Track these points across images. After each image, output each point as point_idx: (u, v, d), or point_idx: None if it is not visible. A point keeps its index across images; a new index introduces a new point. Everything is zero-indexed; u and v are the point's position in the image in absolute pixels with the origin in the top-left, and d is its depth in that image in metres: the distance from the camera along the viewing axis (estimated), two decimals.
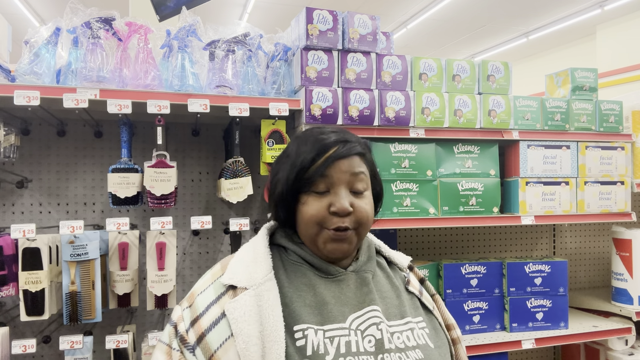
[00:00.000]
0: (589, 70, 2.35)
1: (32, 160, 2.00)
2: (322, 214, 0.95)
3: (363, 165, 1.01)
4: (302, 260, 1.00)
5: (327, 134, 0.99)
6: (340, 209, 0.94)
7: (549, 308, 2.17)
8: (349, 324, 0.93)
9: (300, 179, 0.96)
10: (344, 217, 0.95)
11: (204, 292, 0.95)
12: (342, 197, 0.95)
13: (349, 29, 1.91)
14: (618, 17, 7.88)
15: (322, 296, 0.94)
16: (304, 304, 0.93)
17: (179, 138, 2.16)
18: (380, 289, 1.01)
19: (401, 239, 2.43)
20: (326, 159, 0.96)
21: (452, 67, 2.08)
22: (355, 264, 1.02)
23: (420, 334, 0.98)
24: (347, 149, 0.98)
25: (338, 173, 0.96)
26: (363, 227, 0.98)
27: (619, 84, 7.50)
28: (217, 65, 1.86)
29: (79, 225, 1.66)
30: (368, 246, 1.08)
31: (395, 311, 0.99)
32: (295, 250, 1.01)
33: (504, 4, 7.40)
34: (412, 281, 1.09)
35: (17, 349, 1.65)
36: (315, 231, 0.96)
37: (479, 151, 2.11)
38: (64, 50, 1.85)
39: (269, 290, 0.92)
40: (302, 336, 0.89)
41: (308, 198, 0.97)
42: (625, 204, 2.28)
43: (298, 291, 0.95)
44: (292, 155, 0.99)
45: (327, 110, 1.86)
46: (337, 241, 0.96)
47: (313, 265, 0.99)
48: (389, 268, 1.10)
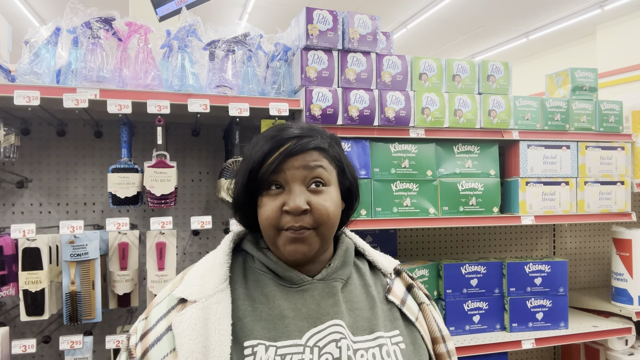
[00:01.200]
0: (589, 70, 2.35)
1: (32, 160, 2.00)
2: (276, 214, 0.89)
3: (323, 159, 0.93)
4: (266, 268, 0.94)
5: (282, 131, 0.93)
6: (292, 208, 0.87)
7: (549, 308, 2.17)
8: (305, 340, 0.86)
9: (253, 179, 0.91)
10: (298, 216, 0.88)
11: (159, 305, 0.92)
12: (296, 194, 0.89)
13: (349, 29, 1.91)
14: (618, 17, 7.88)
15: (280, 309, 0.88)
16: (258, 317, 0.88)
17: (179, 138, 2.16)
18: (350, 299, 0.94)
19: (401, 239, 2.44)
20: (276, 156, 0.89)
21: (452, 67, 2.08)
22: (325, 271, 0.94)
23: (392, 351, 0.90)
24: (302, 144, 0.91)
25: (291, 169, 0.90)
26: (324, 226, 0.90)
27: (619, 84, 7.50)
28: (217, 65, 1.86)
29: (79, 225, 1.66)
30: (345, 250, 1.00)
31: (364, 325, 0.91)
32: (259, 258, 0.95)
33: (504, 4, 7.40)
34: (394, 289, 1.01)
35: (17, 349, 1.65)
36: (272, 234, 0.90)
37: (479, 151, 2.11)
38: (64, 50, 1.85)
39: (218, 302, 0.87)
40: (251, 353, 0.84)
41: (263, 199, 0.91)
42: (625, 204, 2.28)
43: (254, 303, 0.89)
44: (246, 156, 0.94)
45: (327, 110, 1.86)
46: (294, 242, 0.89)
47: (276, 273, 0.93)
48: (370, 274, 1.02)
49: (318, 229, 0.90)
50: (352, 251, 1.02)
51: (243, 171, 0.93)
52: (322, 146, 0.93)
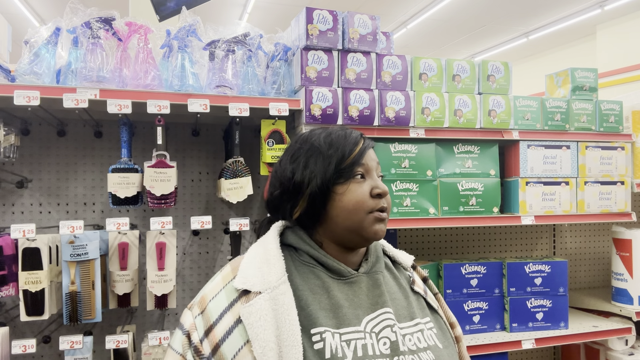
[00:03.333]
0: (589, 70, 2.35)
1: (32, 160, 2.00)
2: (366, 197, 0.99)
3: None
4: (315, 261, 0.99)
5: (343, 130, 1.06)
6: (384, 191, 1.00)
7: (549, 308, 2.17)
8: (363, 326, 0.93)
9: (340, 169, 0.99)
10: (383, 198, 1.01)
11: (216, 298, 0.93)
12: (378, 181, 1.02)
13: (349, 29, 1.91)
14: (618, 17, 7.88)
15: (337, 299, 0.94)
16: (319, 307, 0.92)
17: (179, 138, 2.16)
18: (389, 290, 1.01)
19: (401, 239, 2.43)
20: (361, 149, 1.02)
21: (452, 67, 2.08)
22: (366, 265, 1.02)
23: (429, 335, 0.99)
24: (369, 141, 1.07)
25: (371, 161, 1.03)
26: (389, 211, 1.04)
27: (619, 84, 7.50)
28: (217, 65, 1.86)
29: (79, 225, 1.66)
30: (375, 245, 1.09)
31: (404, 312, 1.00)
32: (308, 251, 1.00)
33: (504, 4, 7.40)
34: (416, 281, 1.10)
35: (17, 349, 1.65)
36: (361, 216, 0.98)
37: (479, 151, 2.11)
38: (64, 50, 1.85)
39: (284, 293, 0.91)
40: (320, 339, 0.88)
41: (349, 186, 0.99)
42: (625, 204, 2.28)
43: (313, 294, 0.94)
44: (323, 148, 1.02)
45: (327, 110, 1.86)
46: (380, 222, 0.99)
47: (326, 266, 0.99)
48: (394, 268, 1.10)
49: (388, 212, 1.03)
50: (380, 247, 1.11)
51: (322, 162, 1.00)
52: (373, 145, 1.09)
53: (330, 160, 1.00)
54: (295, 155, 1.04)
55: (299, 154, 1.03)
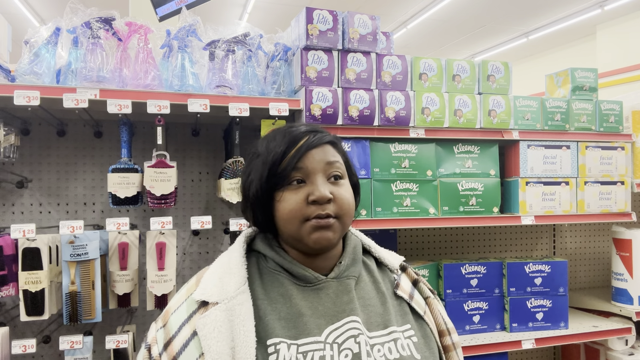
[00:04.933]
0: (589, 70, 2.35)
1: (32, 160, 2.00)
2: (301, 205, 0.91)
3: (337, 154, 0.98)
4: (280, 267, 0.95)
5: (295, 127, 0.97)
6: (319, 197, 0.90)
7: (549, 308, 2.17)
8: (324, 337, 0.88)
9: (274, 174, 0.93)
10: (323, 204, 0.91)
11: (177, 310, 0.91)
12: (320, 184, 0.92)
13: (349, 29, 1.91)
14: (618, 17, 7.88)
15: (298, 307, 0.90)
16: (278, 316, 0.89)
17: (179, 138, 2.16)
18: (363, 296, 0.96)
19: (401, 239, 2.43)
20: (298, 149, 0.93)
21: (452, 67, 2.08)
22: (338, 269, 0.97)
23: (406, 344, 0.93)
24: (318, 138, 0.96)
25: (313, 163, 0.94)
26: (346, 216, 0.94)
27: (619, 84, 7.50)
28: (217, 65, 1.86)
29: (79, 225, 1.66)
30: (354, 247, 1.03)
31: (378, 320, 0.94)
32: (273, 257, 0.96)
33: (504, 4, 7.40)
34: (402, 284, 1.03)
35: (17, 349, 1.65)
36: (296, 226, 0.92)
37: (479, 151, 2.11)
38: (64, 50, 1.85)
39: (241, 303, 0.88)
40: (274, 351, 0.85)
41: (284, 194, 0.93)
42: (625, 204, 2.28)
43: (273, 303, 0.91)
44: (262, 152, 0.96)
45: (327, 110, 1.86)
46: (320, 229, 0.91)
47: (291, 272, 0.94)
48: (377, 270, 1.04)
49: (341, 219, 0.93)
50: (360, 248, 1.04)
51: (260, 167, 0.95)
52: (335, 141, 0.99)
53: (265, 166, 0.94)
54: (250, 157, 1.01)
55: (252, 157, 1.00)
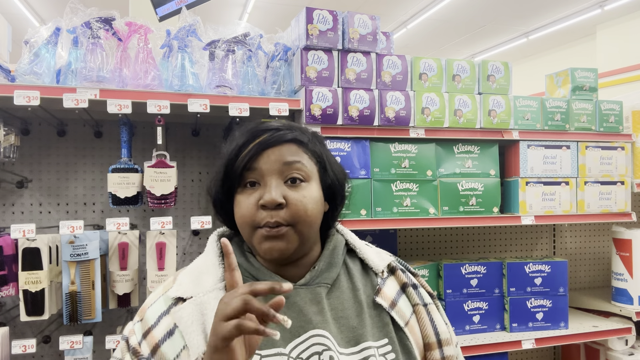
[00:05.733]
0: (589, 70, 2.35)
1: (32, 160, 2.00)
2: (251, 210, 0.84)
3: (302, 154, 0.89)
4: (248, 273, 0.90)
5: (260, 124, 0.90)
6: (267, 201, 0.82)
7: (549, 308, 2.17)
8: (289, 350, 0.82)
9: (229, 175, 0.87)
10: (274, 210, 0.83)
11: (153, 305, 0.90)
12: (272, 187, 0.84)
13: (349, 29, 1.91)
14: (618, 17, 7.87)
15: None
16: None
17: (179, 138, 2.16)
18: (336, 307, 0.88)
19: (401, 239, 2.44)
20: (251, 149, 0.86)
21: (452, 67, 2.08)
22: (309, 275, 0.89)
23: None
24: (278, 135, 0.87)
25: (267, 163, 0.85)
26: (302, 224, 0.84)
27: (619, 84, 7.50)
28: (217, 65, 1.86)
29: (79, 225, 1.66)
30: (333, 249, 0.94)
31: (349, 335, 0.86)
32: (242, 264, 0.91)
33: (504, 4, 7.40)
34: (385, 290, 0.93)
35: (17, 349, 1.65)
36: (248, 232, 0.86)
37: (479, 151, 2.11)
38: (64, 50, 1.85)
39: (216, 298, 0.83)
40: None
41: (239, 197, 0.87)
42: (625, 204, 2.28)
43: None
44: (223, 152, 0.90)
45: (327, 110, 1.86)
46: (270, 239, 0.83)
47: (257, 278, 0.89)
48: (360, 274, 0.95)
49: (295, 226, 0.84)
50: (341, 250, 0.96)
51: (219, 167, 0.89)
52: (300, 139, 0.89)
53: (221, 166, 0.88)
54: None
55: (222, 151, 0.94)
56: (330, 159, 0.95)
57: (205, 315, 0.83)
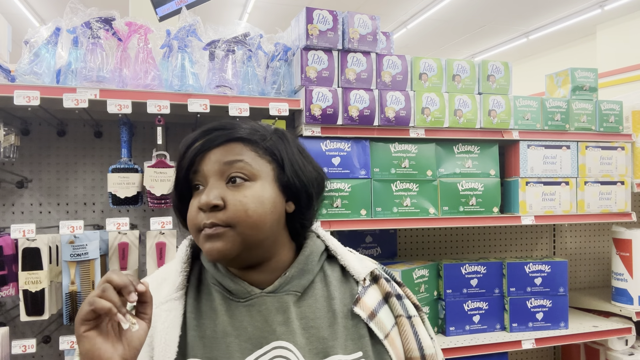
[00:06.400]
0: (589, 70, 2.35)
1: (32, 160, 2.00)
2: (194, 213, 0.82)
3: (247, 152, 0.84)
4: (214, 279, 0.87)
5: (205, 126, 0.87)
6: (202, 204, 0.80)
7: (549, 308, 2.17)
8: None
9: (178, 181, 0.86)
10: (210, 212, 0.80)
11: None
12: (209, 189, 0.81)
13: (349, 29, 1.91)
14: (618, 17, 7.88)
15: (224, 326, 0.81)
16: (202, 334, 0.81)
17: (179, 138, 2.15)
18: (307, 315, 0.84)
19: (401, 239, 2.43)
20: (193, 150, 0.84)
21: (452, 67, 2.08)
22: (279, 282, 0.85)
23: None
24: (221, 135, 0.84)
25: (207, 164, 0.83)
26: (243, 225, 0.80)
27: (619, 84, 7.50)
28: (217, 65, 1.86)
29: (79, 225, 1.66)
30: (308, 255, 0.89)
31: (318, 347, 0.81)
32: (209, 269, 0.88)
33: (504, 4, 7.40)
34: (365, 299, 0.88)
35: (17, 349, 1.65)
36: (195, 236, 0.84)
37: (479, 151, 2.11)
38: (64, 50, 1.85)
39: (169, 310, 0.81)
40: None
41: (191, 201, 0.85)
42: (625, 204, 2.28)
43: (200, 318, 0.83)
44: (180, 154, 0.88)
45: (327, 110, 1.86)
46: (209, 239, 0.80)
47: (223, 285, 0.85)
48: (339, 282, 0.90)
49: (236, 228, 0.80)
50: (317, 256, 0.91)
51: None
52: (247, 137, 0.85)
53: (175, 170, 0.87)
54: None
55: None
56: (293, 156, 0.89)
57: (155, 328, 0.80)
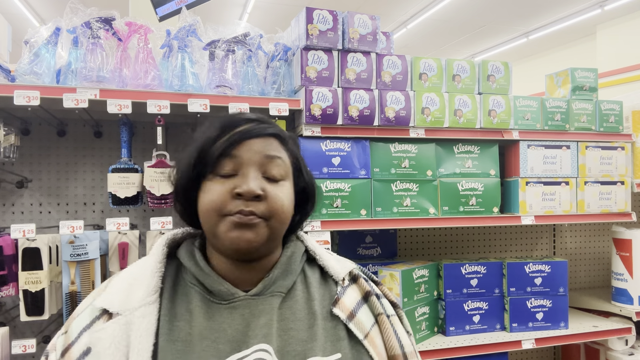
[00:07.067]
0: (589, 70, 2.35)
1: (32, 160, 2.00)
2: (223, 198, 0.78)
3: (282, 151, 0.85)
4: (196, 280, 0.83)
5: (240, 114, 0.86)
6: (245, 191, 0.77)
7: (549, 308, 2.17)
8: None
9: (203, 159, 0.80)
10: (250, 201, 0.78)
11: (80, 315, 0.81)
12: (251, 178, 0.79)
13: (349, 28, 1.91)
14: (618, 17, 7.88)
15: (201, 329, 0.78)
16: (175, 338, 0.77)
17: (179, 138, 2.15)
18: (287, 317, 0.82)
19: (401, 239, 2.44)
20: (232, 135, 0.81)
21: (452, 67, 2.08)
22: (263, 284, 0.83)
23: None
24: (261, 127, 0.83)
25: (248, 153, 0.81)
26: (276, 219, 0.80)
27: (619, 84, 7.50)
28: (217, 65, 1.86)
29: (79, 225, 1.66)
30: (290, 256, 0.88)
31: (297, 349, 0.79)
32: (190, 268, 0.84)
33: (504, 4, 7.40)
34: (344, 299, 0.87)
35: (17, 349, 1.65)
36: (214, 220, 0.79)
37: (479, 151, 2.11)
38: (64, 50, 1.85)
39: (143, 316, 0.77)
40: None
41: (209, 184, 0.80)
42: (625, 204, 2.28)
43: (175, 321, 0.79)
44: (197, 137, 0.84)
45: (327, 110, 1.86)
46: (240, 227, 0.77)
47: (205, 286, 0.82)
48: (319, 283, 0.89)
49: (269, 220, 0.80)
50: (299, 256, 0.90)
51: (189, 153, 0.83)
52: (282, 135, 0.86)
53: (195, 150, 0.82)
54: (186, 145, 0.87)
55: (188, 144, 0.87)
56: (304, 162, 0.92)
57: (129, 337, 0.75)
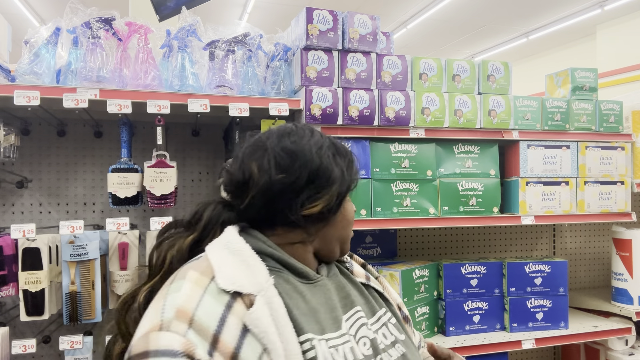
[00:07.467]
0: (589, 70, 2.35)
1: (32, 160, 2.00)
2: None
3: None
4: (281, 265, 0.92)
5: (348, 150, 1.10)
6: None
7: (549, 308, 2.17)
8: (344, 330, 0.89)
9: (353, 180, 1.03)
10: None
11: (201, 305, 0.77)
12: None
13: (349, 29, 1.91)
14: (618, 17, 7.87)
15: (312, 303, 0.88)
16: (300, 312, 0.85)
17: (179, 138, 2.16)
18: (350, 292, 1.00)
19: (401, 239, 2.43)
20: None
21: (452, 67, 2.08)
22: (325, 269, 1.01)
23: (392, 327, 0.99)
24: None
25: None
26: None
27: (619, 84, 7.50)
28: (217, 65, 1.86)
29: (79, 225, 1.66)
30: None
31: (366, 309, 0.98)
32: (272, 254, 0.91)
33: (504, 4, 7.40)
34: (356, 270, 1.09)
35: (17, 349, 1.65)
36: (349, 231, 1.05)
37: (479, 151, 2.11)
38: (64, 50, 1.85)
39: (274, 295, 0.83)
40: (310, 347, 0.81)
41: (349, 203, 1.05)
42: (625, 204, 2.28)
43: (291, 299, 0.86)
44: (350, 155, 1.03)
45: (327, 110, 1.86)
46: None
47: (294, 270, 0.92)
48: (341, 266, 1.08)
49: None
50: None
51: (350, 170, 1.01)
52: None
53: (354, 169, 1.03)
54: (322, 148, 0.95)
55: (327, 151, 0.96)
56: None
57: (272, 316, 0.80)
